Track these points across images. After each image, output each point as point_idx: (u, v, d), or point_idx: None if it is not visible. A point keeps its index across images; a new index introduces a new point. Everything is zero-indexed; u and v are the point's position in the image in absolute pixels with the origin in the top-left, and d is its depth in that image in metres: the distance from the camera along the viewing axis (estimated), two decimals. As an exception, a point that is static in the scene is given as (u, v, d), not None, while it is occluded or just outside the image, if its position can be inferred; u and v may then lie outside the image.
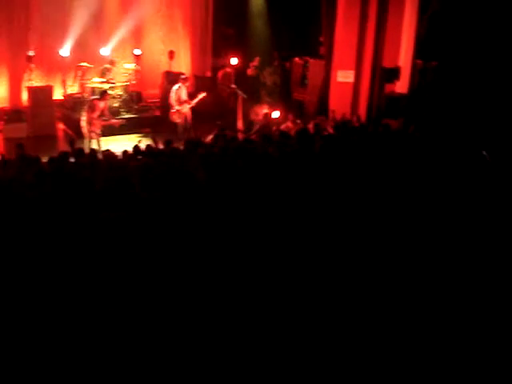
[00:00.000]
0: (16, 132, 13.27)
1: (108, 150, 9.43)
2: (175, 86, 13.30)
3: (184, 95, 13.32)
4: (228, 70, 16.29)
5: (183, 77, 13.85)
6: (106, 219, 5.23)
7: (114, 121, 12.79)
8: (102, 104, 12.30)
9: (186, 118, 13.31)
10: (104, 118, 12.49)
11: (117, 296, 4.61)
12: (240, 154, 8.10)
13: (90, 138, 12.19)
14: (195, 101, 13.40)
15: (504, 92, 12.04)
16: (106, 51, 15.87)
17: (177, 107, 13.16)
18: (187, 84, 13.57)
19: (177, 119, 13.23)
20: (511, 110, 11.64)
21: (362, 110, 14.10)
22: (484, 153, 7.67)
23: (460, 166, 7.35)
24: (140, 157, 8.92)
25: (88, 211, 5.47)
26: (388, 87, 14.07)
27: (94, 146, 11.78)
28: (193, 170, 7.21)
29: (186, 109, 13.29)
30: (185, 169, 7.18)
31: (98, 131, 12.23)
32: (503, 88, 12.12)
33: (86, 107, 12.33)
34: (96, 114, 12.15)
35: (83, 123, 12.20)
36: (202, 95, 13.47)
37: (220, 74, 16.57)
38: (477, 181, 6.88)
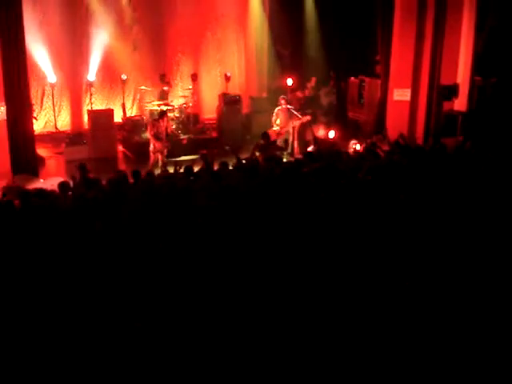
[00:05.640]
0: (77, 154, 13.69)
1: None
2: (278, 107, 13.53)
3: (283, 115, 13.41)
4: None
5: (282, 96, 13.90)
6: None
7: (182, 137, 12.88)
8: (161, 124, 12.55)
9: (287, 136, 13.49)
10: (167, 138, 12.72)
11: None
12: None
13: (155, 158, 12.44)
14: (296, 122, 13.50)
15: None
16: (163, 75, 16.18)
17: (274, 127, 13.38)
18: (284, 105, 13.50)
19: (275, 137, 13.35)
20: None
21: (420, 129, 13.91)
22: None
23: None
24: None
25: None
26: (446, 105, 13.86)
27: (157, 169, 11.96)
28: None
29: (287, 128, 13.46)
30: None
31: (164, 151, 12.46)
32: None
33: (147, 128, 12.54)
34: (157, 134, 12.39)
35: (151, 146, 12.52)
36: (305, 118, 13.57)
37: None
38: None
